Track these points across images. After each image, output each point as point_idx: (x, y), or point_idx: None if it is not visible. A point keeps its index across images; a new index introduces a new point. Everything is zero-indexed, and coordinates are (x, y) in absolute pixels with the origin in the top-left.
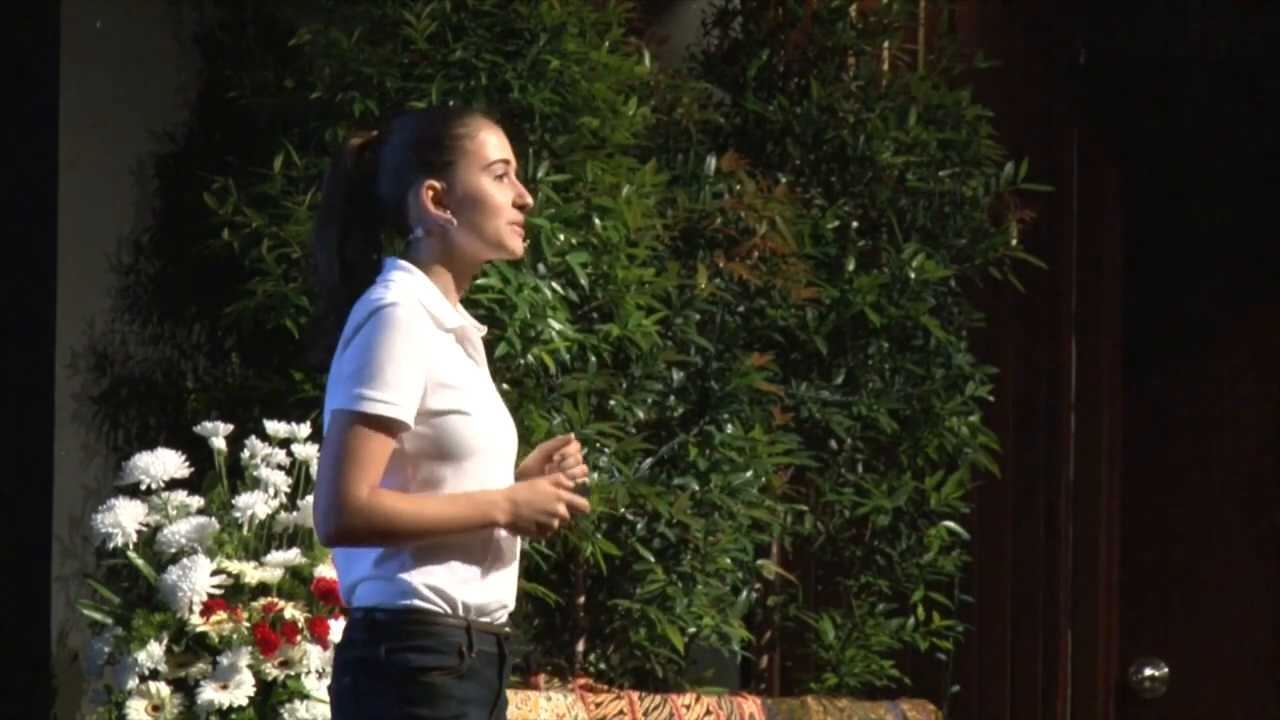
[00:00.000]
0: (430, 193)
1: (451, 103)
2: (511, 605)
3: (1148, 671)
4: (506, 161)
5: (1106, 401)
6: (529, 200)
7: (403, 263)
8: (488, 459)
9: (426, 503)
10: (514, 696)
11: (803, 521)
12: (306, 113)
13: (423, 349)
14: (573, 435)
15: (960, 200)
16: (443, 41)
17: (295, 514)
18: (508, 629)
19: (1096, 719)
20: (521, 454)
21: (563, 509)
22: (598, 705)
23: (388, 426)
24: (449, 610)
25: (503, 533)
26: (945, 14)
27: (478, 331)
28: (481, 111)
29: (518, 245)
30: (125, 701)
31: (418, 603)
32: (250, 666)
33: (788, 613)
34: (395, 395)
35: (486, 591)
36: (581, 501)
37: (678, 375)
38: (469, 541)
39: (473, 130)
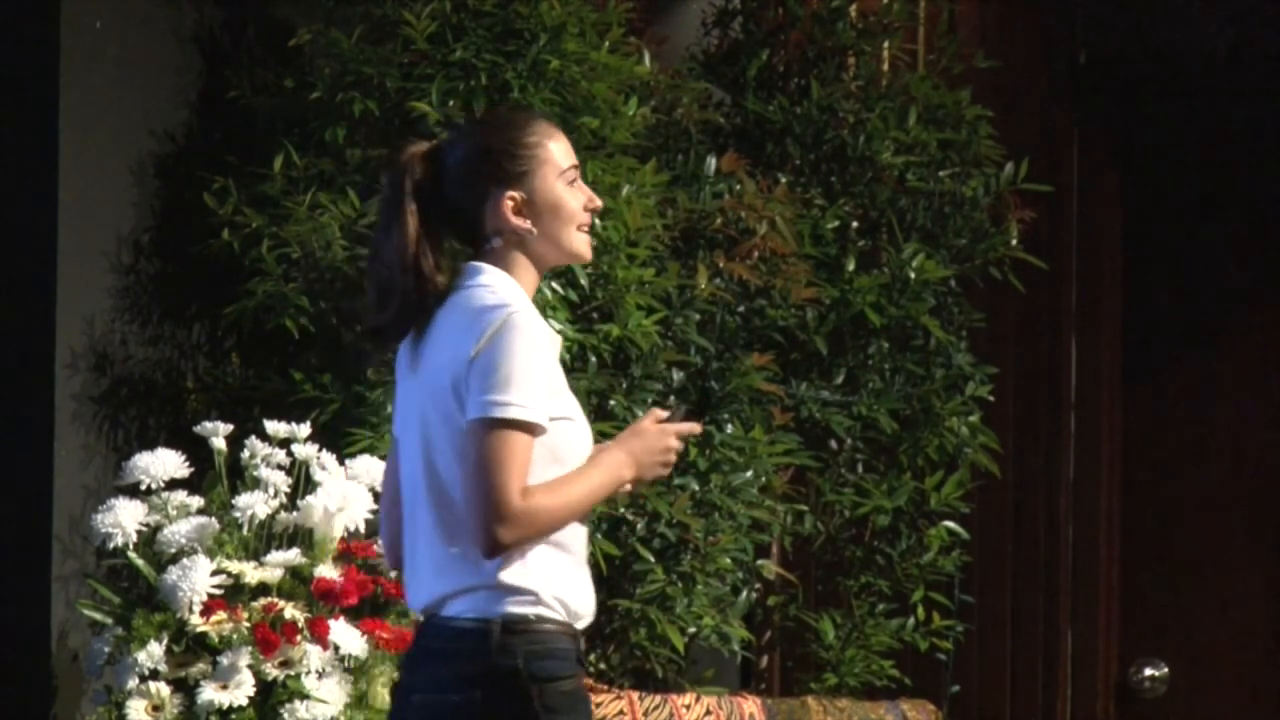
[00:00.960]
0: (511, 203)
1: (513, 109)
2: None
3: (1148, 671)
4: (575, 167)
5: (1106, 401)
6: (599, 203)
7: (490, 268)
8: (586, 459)
9: (567, 484)
10: None
11: (803, 521)
12: (306, 113)
13: (546, 355)
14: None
15: (960, 200)
16: (443, 41)
17: (295, 514)
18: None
19: (1096, 719)
20: None
21: (673, 441)
22: (598, 705)
23: (530, 431)
24: (566, 617)
25: (585, 536)
26: (945, 14)
27: (556, 336)
28: (545, 117)
29: (587, 250)
30: (125, 701)
31: (545, 610)
32: (250, 666)
33: (788, 613)
34: (534, 400)
35: (588, 598)
36: (688, 426)
37: (678, 375)
38: (573, 548)
39: (544, 138)
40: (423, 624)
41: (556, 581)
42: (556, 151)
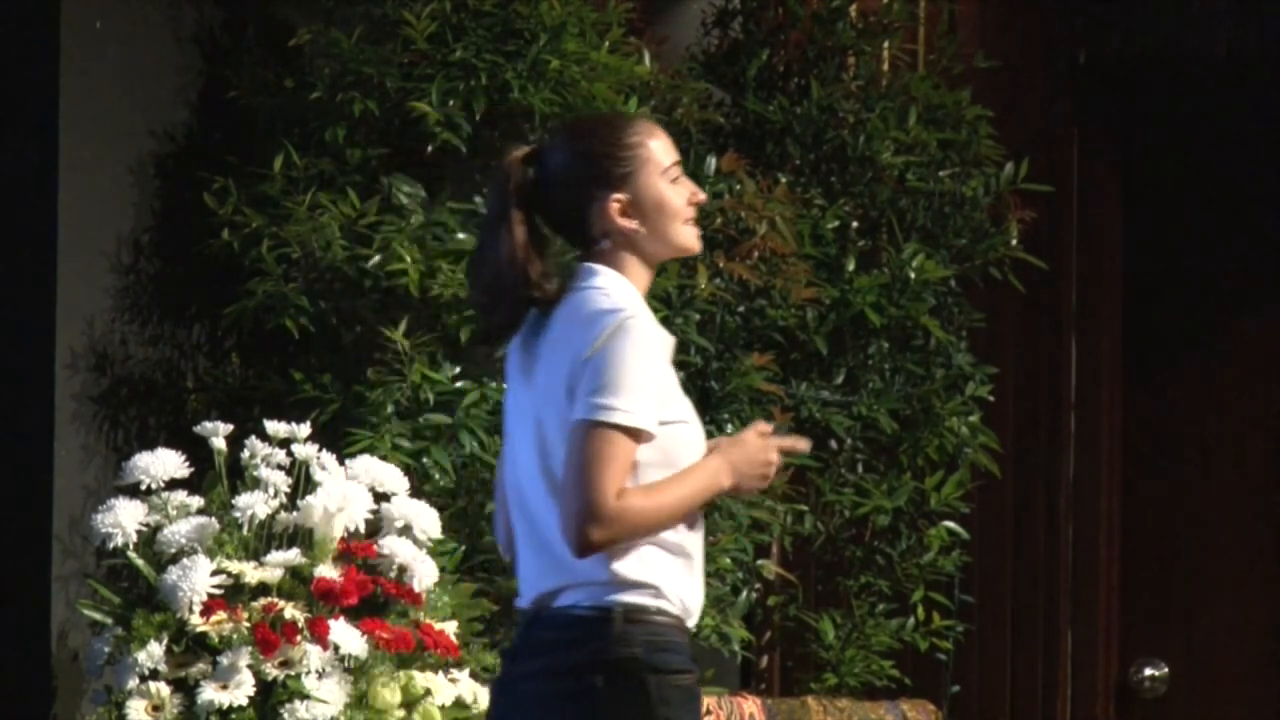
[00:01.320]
0: (617, 205)
1: (612, 111)
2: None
3: (1148, 671)
4: (678, 163)
5: (1106, 401)
6: (702, 196)
7: (603, 269)
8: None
9: (664, 489)
10: None
11: (803, 521)
12: (306, 113)
13: (660, 359)
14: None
15: (960, 200)
16: (443, 41)
17: (295, 514)
18: None
19: (1096, 719)
20: None
21: (774, 455)
22: None
23: (636, 436)
24: (680, 612)
25: (701, 535)
26: (945, 14)
27: (671, 338)
28: (645, 117)
29: (696, 242)
30: (125, 701)
31: (665, 604)
32: (250, 666)
33: (788, 613)
34: (641, 405)
35: (699, 595)
36: (790, 441)
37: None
38: (687, 550)
39: (644, 138)
40: (532, 617)
41: (673, 579)
42: (658, 150)
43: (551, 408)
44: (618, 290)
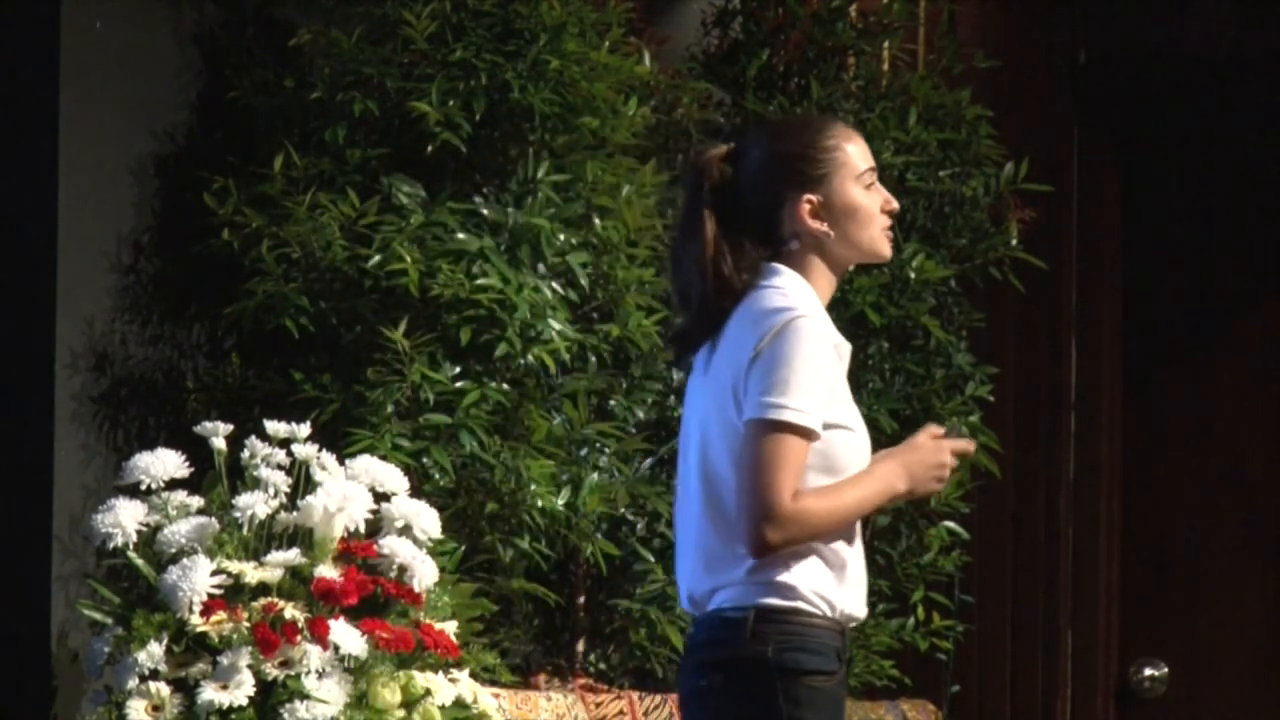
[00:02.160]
0: (808, 206)
1: (809, 113)
2: (865, 612)
3: (1148, 671)
4: (873, 169)
5: (1106, 401)
6: (895, 205)
7: (786, 270)
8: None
9: (839, 492)
10: (514, 696)
11: None
12: (306, 113)
13: (827, 361)
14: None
15: (960, 200)
16: (443, 41)
17: (295, 514)
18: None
19: (1096, 719)
20: None
21: (948, 457)
22: (598, 705)
23: (805, 435)
24: (828, 613)
25: (858, 536)
26: (945, 14)
27: (846, 343)
28: (841, 121)
29: (888, 249)
30: (125, 701)
31: (802, 604)
32: (250, 666)
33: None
34: (810, 405)
35: (854, 596)
36: (963, 443)
37: (678, 375)
38: (841, 546)
39: (841, 141)
40: (693, 618)
41: (818, 578)
42: (854, 154)
43: (715, 404)
44: (794, 290)
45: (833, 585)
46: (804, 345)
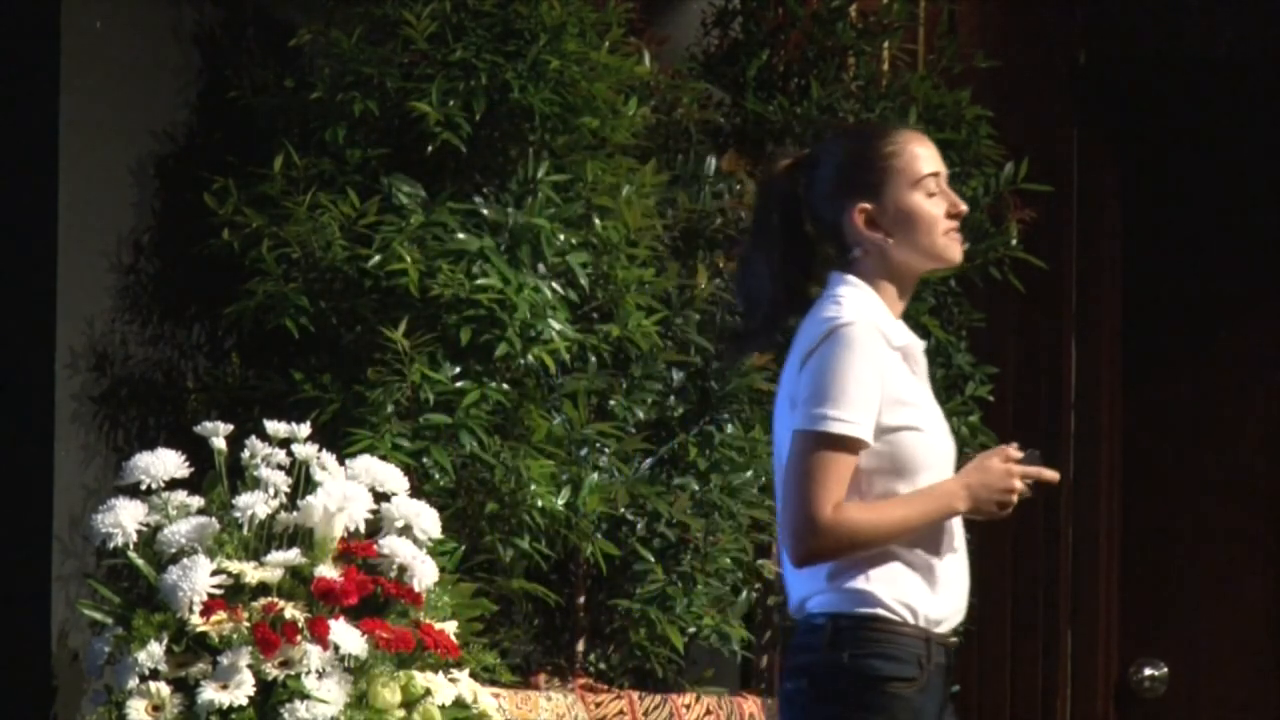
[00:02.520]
0: (862, 215)
1: (877, 120)
2: (962, 617)
3: (1148, 671)
4: (936, 174)
5: (1106, 401)
6: (962, 208)
7: (850, 278)
8: (936, 474)
9: (887, 507)
10: (514, 696)
11: None
12: (306, 113)
13: (878, 366)
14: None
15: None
16: (443, 41)
17: (295, 514)
18: (954, 640)
19: (1096, 719)
20: None
21: (1017, 482)
22: (598, 705)
23: (849, 445)
24: (911, 620)
25: (956, 543)
26: (945, 14)
27: (919, 345)
28: (907, 126)
29: (957, 253)
30: (125, 701)
31: (881, 611)
32: (250, 666)
33: (788, 612)
34: (855, 414)
35: (945, 604)
36: (1037, 469)
37: (678, 375)
38: (927, 553)
39: (900, 148)
40: (794, 622)
41: (901, 585)
42: (913, 160)
43: (780, 412)
44: (852, 299)
45: (918, 592)
46: (848, 353)
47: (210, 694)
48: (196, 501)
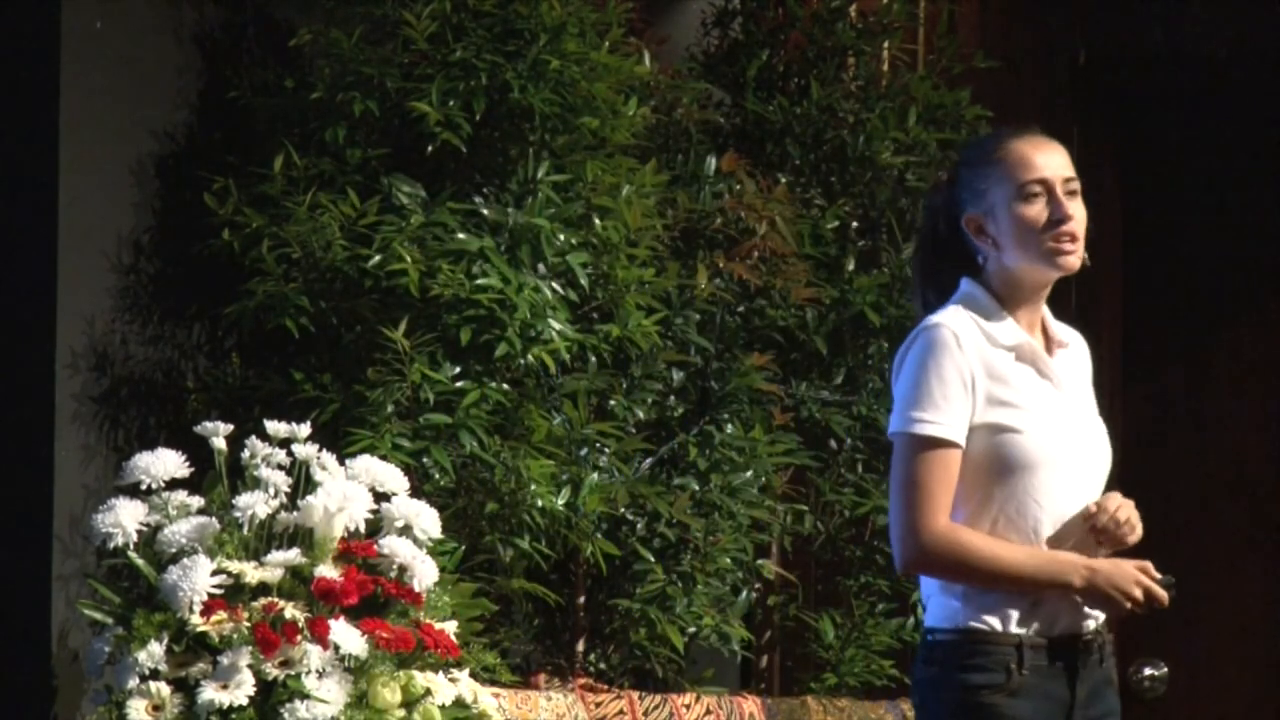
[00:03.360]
0: (973, 224)
1: (999, 129)
2: (1079, 620)
3: (1148, 671)
4: (1041, 180)
5: (1106, 401)
6: (1068, 213)
7: (972, 283)
8: (1040, 477)
9: (1006, 548)
10: (514, 696)
11: (803, 521)
12: (306, 113)
13: (968, 365)
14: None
15: None
16: (443, 41)
17: (295, 514)
18: (1087, 635)
19: None
20: None
21: (1138, 592)
22: (598, 705)
23: (942, 446)
24: (1000, 628)
25: (1066, 547)
26: (945, 14)
27: (1058, 347)
28: (1022, 130)
29: (1065, 261)
30: (125, 701)
31: (970, 623)
32: (250, 666)
33: (788, 613)
34: (943, 415)
35: (1040, 615)
36: (1161, 594)
37: (678, 375)
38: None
39: (1004, 154)
40: None
41: (987, 598)
42: (1016, 167)
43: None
44: (958, 303)
45: (1006, 604)
46: (930, 355)
47: (210, 694)
48: (196, 501)
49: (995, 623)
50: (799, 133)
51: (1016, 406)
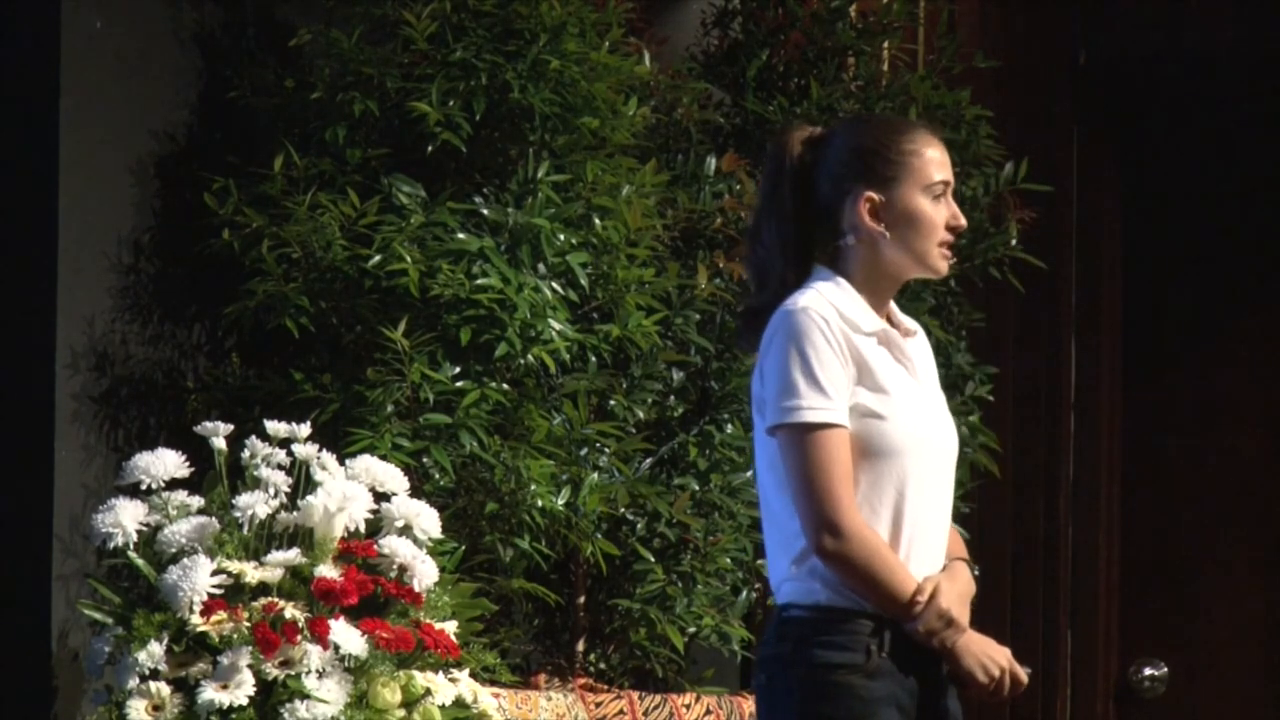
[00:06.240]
0: (868, 204)
1: (900, 116)
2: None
3: (1148, 671)
4: (946, 183)
5: (1106, 401)
6: (962, 222)
7: (827, 271)
8: (903, 463)
9: (906, 576)
10: (514, 696)
11: None
12: (306, 113)
13: (839, 348)
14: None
15: (960, 200)
16: (443, 41)
17: (295, 514)
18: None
19: (1096, 719)
20: None
21: (996, 670)
22: (598, 705)
23: (836, 428)
24: (861, 607)
25: (923, 536)
26: (945, 14)
27: (907, 335)
28: (927, 128)
29: (943, 266)
30: (125, 701)
31: (831, 601)
32: (250, 666)
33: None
34: (829, 400)
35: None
36: (1022, 675)
37: (678, 375)
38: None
39: (920, 147)
40: None
41: None
42: (928, 163)
43: (755, 420)
44: (821, 290)
45: None
46: (807, 339)
47: (210, 694)
48: (196, 501)
49: (850, 602)
50: None
51: (882, 392)
